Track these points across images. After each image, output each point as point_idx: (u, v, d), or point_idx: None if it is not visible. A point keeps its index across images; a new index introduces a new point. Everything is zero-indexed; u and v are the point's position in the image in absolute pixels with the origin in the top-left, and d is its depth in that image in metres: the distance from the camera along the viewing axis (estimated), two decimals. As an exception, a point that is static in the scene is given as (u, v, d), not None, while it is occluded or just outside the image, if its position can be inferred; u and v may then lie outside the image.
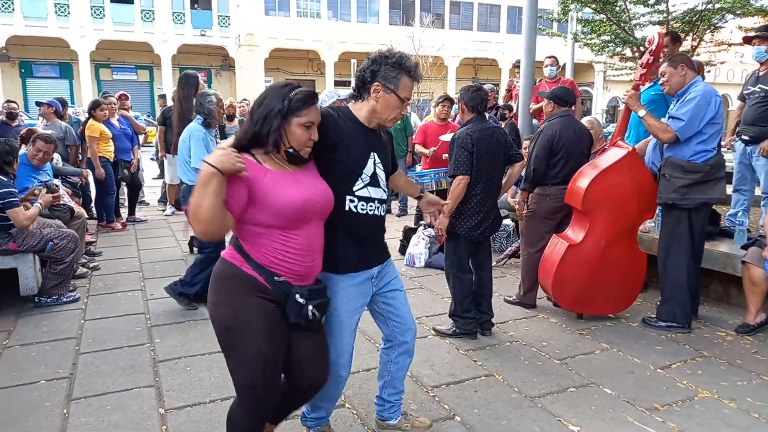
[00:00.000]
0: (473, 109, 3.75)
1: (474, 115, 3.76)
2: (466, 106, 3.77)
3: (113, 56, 26.40)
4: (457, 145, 3.64)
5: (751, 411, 2.86)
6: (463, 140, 3.62)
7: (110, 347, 3.61)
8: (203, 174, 1.80)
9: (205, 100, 4.29)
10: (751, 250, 3.87)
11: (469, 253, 3.82)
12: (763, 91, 4.65)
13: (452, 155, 3.67)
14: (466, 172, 3.60)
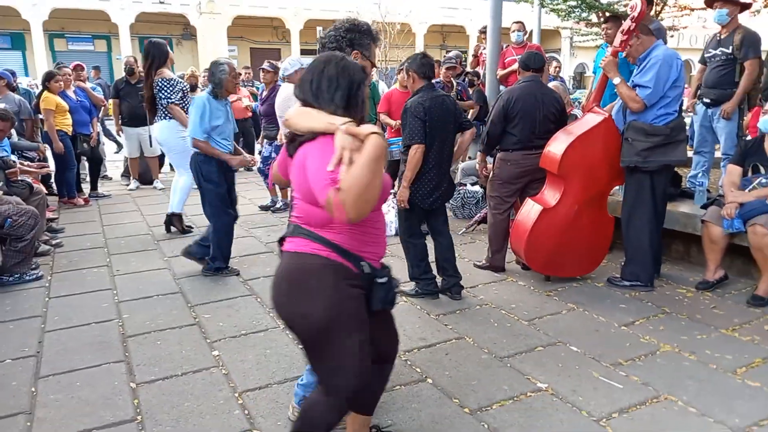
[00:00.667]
0: (424, 76, 3.76)
1: (424, 83, 3.76)
2: (416, 73, 3.77)
3: (68, 25, 25.28)
4: (410, 115, 3.65)
5: (710, 362, 2.98)
6: (416, 109, 3.63)
7: (77, 324, 3.55)
8: (380, 148, 1.58)
9: (218, 69, 4.23)
10: (710, 210, 3.98)
11: (419, 219, 3.90)
12: (724, 54, 4.74)
13: (406, 125, 3.68)
14: (421, 140, 3.62)
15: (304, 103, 1.85)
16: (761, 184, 3.78)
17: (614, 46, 3.93)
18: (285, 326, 2.11)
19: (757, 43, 4.68)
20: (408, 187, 3.69)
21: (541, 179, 4.25)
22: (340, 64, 1.82)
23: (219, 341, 3.30)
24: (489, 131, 4.24)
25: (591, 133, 3.94)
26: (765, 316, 3.56)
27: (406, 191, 3.68)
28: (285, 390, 2.76)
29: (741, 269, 4.20)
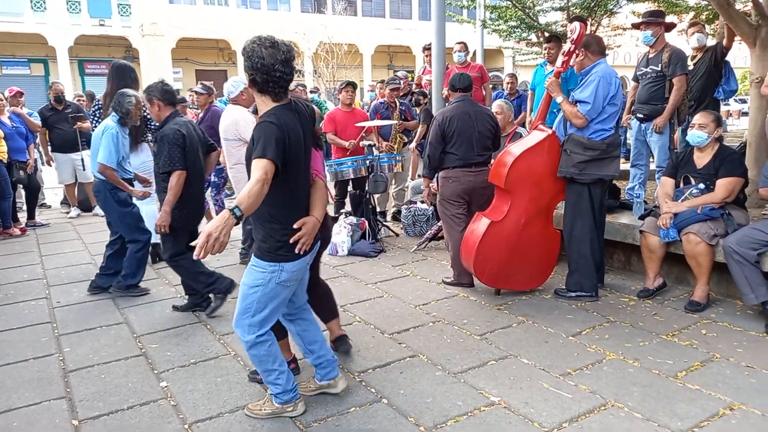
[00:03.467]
0: (170, 103, 3.92)
1: (173, 110, 3.93)
2: (162, 101, 3.90)
3: (2, 49, 24.33)
4: (169, 143, 3.76)
5: (653, 368, 3.09)
6: (174, 136, 3.76)
7: (14, 361, 3.38)
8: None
9: (125, 100, 4.30)
10: (648, 220, 4.17)
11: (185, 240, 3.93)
12: (654, 71, 4.99)
13: (164, 152, 3.76)
14: (182, 167, 3.76)
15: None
16: (692, 194, 3.98)
17: (557, 67, 4.10)
18: None
19: (684, 61, 4.96)
20: (170, 212, 3.80)
21: (490, 197, 4.36)
22: None
23: (167, 371, 3.20)
24: (429, 154, 4.35)
25: (536, 149, 4.08)
26: (702, 320, 3.73)
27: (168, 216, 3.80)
28: (237, 419, 2.70)
29: (678, 276, 4.40)
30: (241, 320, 2.57)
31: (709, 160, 3.97)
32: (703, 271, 3.85)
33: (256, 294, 2.51)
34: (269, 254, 2.49)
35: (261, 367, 2.63)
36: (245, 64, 2.40)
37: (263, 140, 2.28)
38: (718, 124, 3.98)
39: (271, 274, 2.48)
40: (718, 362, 3.15)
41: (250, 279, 2.53)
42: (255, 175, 2.23)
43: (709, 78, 5.37)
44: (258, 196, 2.21)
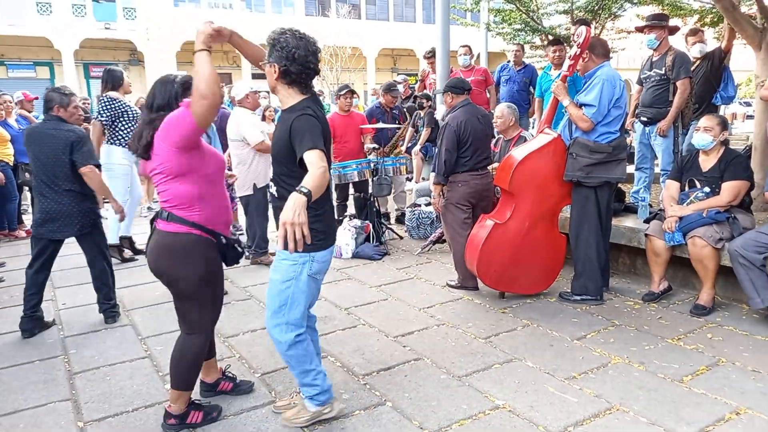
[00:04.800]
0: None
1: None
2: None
3: (8, 52, 24.47)
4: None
5: (658, 372, 3.08)
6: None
7: (20, 362, 3.39)
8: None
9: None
10: (653, 224, 4.16)
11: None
12: (658, 75, 4.99)
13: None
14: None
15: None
16: (698, 197, 3.98)
17: (563, 71, 4.10)
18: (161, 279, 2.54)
19: (688, 64, 4.96)
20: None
21: (494, 201, 4.37)
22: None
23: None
24: (446, 160, 4.31)
25: (541, 152, 4.08)
26: (707, 324, 3.72)
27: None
28: (242, 421, 2.71)
29: (683, 280, 4.38)
30: (276, 320, 2.47)
31: (714, 163, 3.96)
32: (709, 275, 3.84)
33: (290, 289, 2.42)
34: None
35: (299, 368, 2.54)
36: (275, 54, 2.34)
37: (310, 132, 2.24)
38: (723, 128, 3.97)
39: (302, 265, 2.40)
40: (724, 366, 3.14)
41: (280, 274, 2.42)
42: (318, 163, 2.15)
43: (706, 84, 5.38)
44: (324, 182, 2.15)
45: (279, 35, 2.36)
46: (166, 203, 2.45)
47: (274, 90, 2.43)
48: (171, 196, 2.44)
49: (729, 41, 5.49)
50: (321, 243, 2.42)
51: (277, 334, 2.49)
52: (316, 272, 2.46)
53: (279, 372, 3.20)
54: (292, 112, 2.35)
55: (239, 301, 4.39)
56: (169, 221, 2.44)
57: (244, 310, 4.19)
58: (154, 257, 2.50)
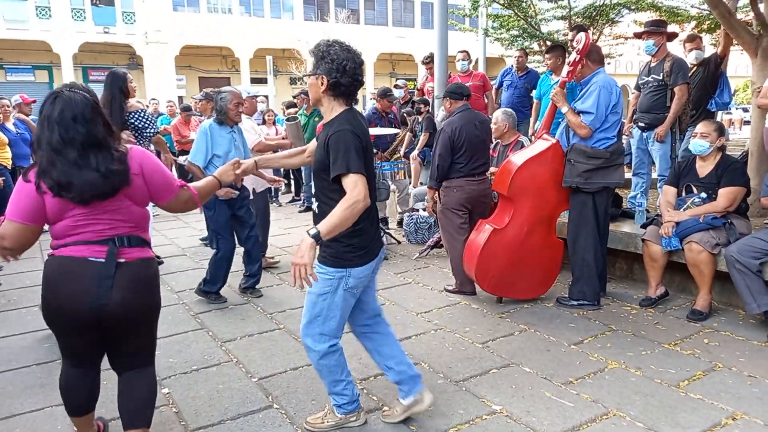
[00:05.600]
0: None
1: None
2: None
3: (7, 56, 24.53)
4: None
5: (655, 377, 3.09)
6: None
7: (16, 367, 3.38)
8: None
9: (219, 98, 4.31)
10: (650, 229, 4.17)
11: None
12: (655, 80, 5.01)
13: None
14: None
15: None
16: (694, 203, 3.99)
17: (562, 77, 4.12)
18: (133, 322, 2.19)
19: (686, 70, 4.98)
20: None
21: (490, 206, 4.38)
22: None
23: (169, 378, 3.21)
24: (439, 165, 4.33)
25: (540, 157, 4.10)
26: (704, 329, 3.73)
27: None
28: (239, 426, 2.70)
29: (680, 285, 4.40)
30: (311, 329, 2.48)
31: (711, 169, 3.98)
32: (705, 280, 3.85)
33: (325, 302, 2.43)
34: (336, 259, 2.40)
35: (330, 377, 2.56)
36: (324, 66, 2.32)
37: (345, 153, 2.24)
38: (720, 134, 3.99)
39: (339, 280, 2.41)
40: (721, 371, 3.14)
41: (316, 287, 2.38)
42: (347, 197, 2.19)
43: (702, 90, 5.41)
44: (351, 219, 2.20)
45: (328, 47, 2.34)
46: (126, 226, 2.14)
47: (317, 102, 2.42)
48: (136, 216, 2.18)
49: (725, 47, 5.52)
50: (358, 259, 2.42)
51: (311, 343, 2.50)
52: (352, 287, 2.45)
53: (276, 376, 3.20)
54: (329, 127, 2.37)
55: (237, 305, 4.40)
56: (143, 247, 2.21)
57: (241, 315, 4.19)
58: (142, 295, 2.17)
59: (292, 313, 4.19)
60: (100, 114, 2.10)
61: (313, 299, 2.47)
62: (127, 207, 2.14)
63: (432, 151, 4.65)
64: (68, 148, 2.00)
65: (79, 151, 2.01)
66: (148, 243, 2.26)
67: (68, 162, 2.00)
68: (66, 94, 2.05)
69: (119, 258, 2.10)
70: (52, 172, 2.00)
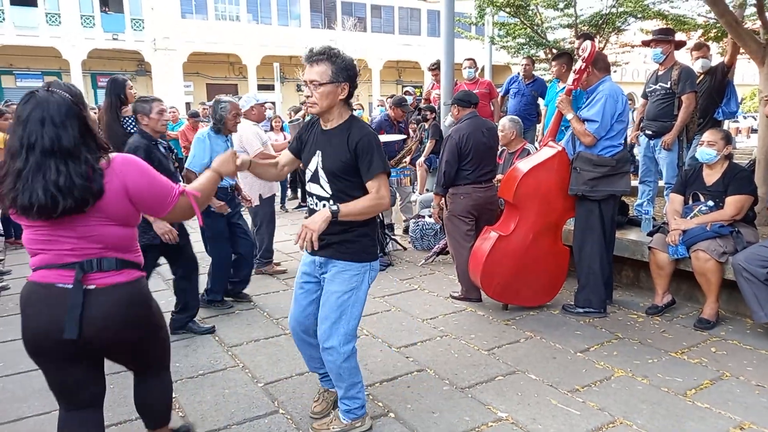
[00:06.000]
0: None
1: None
2: None
3: (17, 62, 24.75)
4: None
5: (662, 386, 3.08)
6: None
7: (25, 370, 3.40)
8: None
9: (219, 107, 4.32)
10: (656, 237, 4.16)
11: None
12: (663, 88, 5.01)
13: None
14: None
15: None
16: (701, 211, 3.98)
17: (568, 85, 4.13)
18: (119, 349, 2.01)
19: (693, 78, 4.98)
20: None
21: (497, 213, 4.39)
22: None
23: (175, 382, 3.19)
24: (446, 171, 4.34)
25: (545, 165, 4.10)
26: (711, 338, 3.71)
27: None
28: (245, 431, 2.71)
29: (687, 293, 4.38)
30: (336, 330, 2.47)
31: (718, 177, 3.97)
32: (713, 289, 3.83)
33: (351, 298, 2.47)
34: (363, 254, 2.49)
35: (350, 380, 2.55)
36: (345, 74, 2.36)
37: (381, 155, 2.39)
38: (727, 142, 3.99)
39: (364, 274, 2.50)
40: (728, 381, 3.13)
41: (342, 285, 2.45)
42: (374, 195, 2.37)
43: (708, 99, 5.41)
44: (370, 214, 2.43)
45: (341, 55, 2.38)
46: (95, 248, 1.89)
47: (331, 108, 2.41)
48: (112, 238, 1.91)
49: (732, 56, 5.52)
50: (376, 251, 2.58)
51: (338, 344, 2.47)
52: (372, 280, 2.57)
53: (282, 381, 3.20)
54: (345, 131, 2.41)
55: (244, 310, 4.41)
56: (121, 270, 1.94)
57: (247, 320, 4.20)
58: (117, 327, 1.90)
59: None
60: (79, 118, 1.81)
61: (339, 298, 2.47)
62: (99, 228, 1.86)
63: (439, 158, 4.66)
64: (25, 153, 1.74)
65: (36, 158, 1.74)
66: (131, 264, 1.98)
67: (16, 170, 1.74)
68: (40, 95, 1.79)
69: (88, 285, 1.85)
70: (5, 182, 1.76)
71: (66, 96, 1.82)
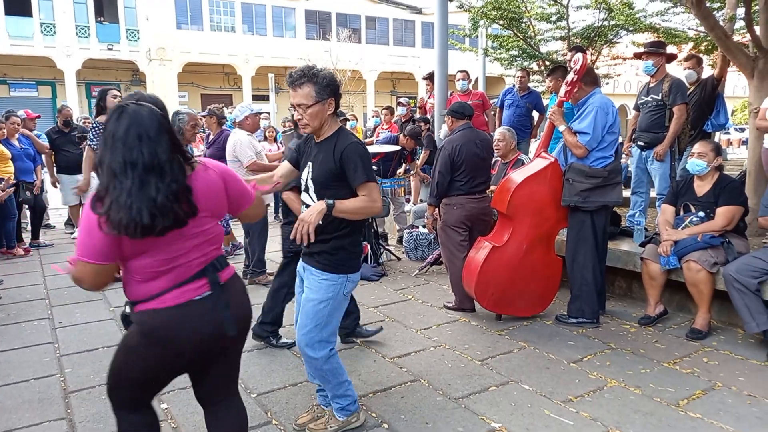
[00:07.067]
0: None
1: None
2: None
3: (10, 72, 24.72)
4: None
5: (654, 396, 3.09)
6: None
7: (15, 381, 3.37)
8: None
9: (177, 118, 4.30)
10: (648, 247, 4.19)
11: None
12: (654, 100, 5.07)
13: None
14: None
15: None
16: (692, 222, 4.02)
17: (560, 96, 4.17)
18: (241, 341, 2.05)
19: (684, 90, 5.04)
20: None
21: (491, 223, 4.41)
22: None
23: (168, 393, 3.20)
24: (438, 182, 4.37)
25: (538, 176, 4.13)
26: (703, 348, 3.73)
27: None
28: (237, 441, 2.69)
29: (679, 304, 4.40)
30: (311, 338, 2.55)
31: (709, 188, 4.01)
32: (704, 299, 3.86)
33: (327, 308, 2.54)
34: (340, 266, 2.54)
35: (334, 380, 2.65)
36: (329, 90, 2.43)
37: (366, 163, 2.44)
38: (717, 153, 4.03)
39: (341, 285, 2.55)
40: (720, 391, 3.14)
41: (319, 294, 2.53)
42: (368, 198, 2.43)
43: (698, 111, 5.46)
44: (363, 215, 2.50)
45: (323, 71, 2.44)
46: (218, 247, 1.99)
47: (323, 124, 2.49)
48: (221, 236, 2.01)
49: (722, 69, 5.59)
50: (355, 264, 2.60)
51: (312, 351, 2.57)
52: (349, 291, 2.62)
53: (275, 392, 3.19)
54: (332, 141, 2.49)
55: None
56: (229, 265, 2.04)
57: (240, 330, 4.18)
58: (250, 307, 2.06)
59: (291, 329, 4.18)
60: (168, 132, 1.80)
61: (314, 306, 2.54)
62: (214, 228, 1.92)
63: (432, 169, 4.69)
64: (130, 171, 1.70)
65: (140, 175, 1.70)
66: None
67: (125, 189, 1.69)
68: (131, 108, 1.75)
69: (221, 282, 1.92)
70: (106, 200, 1.70)
71: (155, 109, 1.81)
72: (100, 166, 1.74)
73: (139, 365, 1.91)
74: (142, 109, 1.76)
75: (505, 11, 10.02)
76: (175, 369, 1.96)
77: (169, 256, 1.81)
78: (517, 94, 7.21)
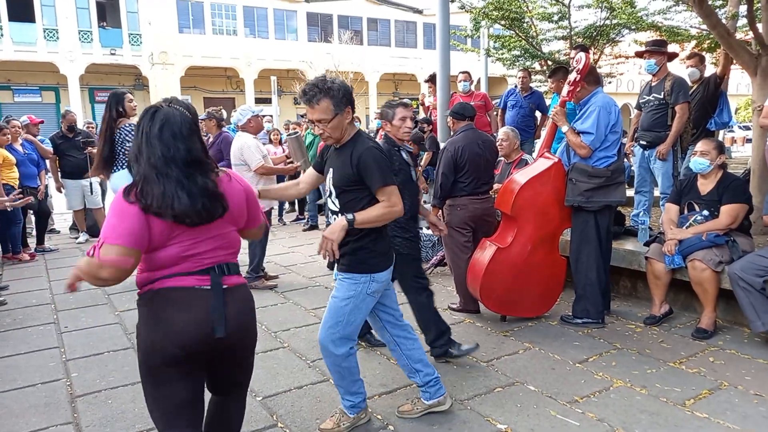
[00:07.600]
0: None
1: None
2: None
3: (14, 77, 24.84)
4: None
5: (660, 396, 3.08)
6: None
7: (22, 385, 3.39)
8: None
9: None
10: (653, 247, 4.18)
11: None
12: (657, 99, 5.06)
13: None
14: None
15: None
16: (697, 221, 4.01)
17: (562, 96, 4.17)
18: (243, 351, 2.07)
19: (686, 89, 5.03)
20: None
21: (494, 224, 4.40)
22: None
23: None
24: (441, 183, 4.37)
25: (542, 176, 4.13)
26: (709, 348, 3.72)
27: None
28: (243, 445, 2.69)
29: (684, 303, 4.39)
30: (331, 333, 2.61)
31: (712, 187, 4.00)
32: (709, 298, 3.85)
33: (348, 306, 2.59)
34: (362, 265, 2.58)
35: (348, 378, 2.70)
36: (345, 100, 2.48)
37: (382, 167, 2.48)
38: (720, 152, 4.02)
39: (363, 284, 2.58)
40: (726, 390, 3.13)
41: (341, 292, 2.61)
42: (386, 203, 2.47)
43: (701, 110, 5.45)
44: (385, 220, 2.52)
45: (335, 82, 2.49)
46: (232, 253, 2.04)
47: (344, 133, 2.54)
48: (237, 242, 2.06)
49: (724, 67, 5.58)
50: (381, 264, 2.62)
51: (333, 347, 2.62)
52: (374, 291, 2.63)
53: (280, 395, 3.20)
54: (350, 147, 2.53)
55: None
56: (239, 274, 2.06)
57: (245, 333, 4.19)
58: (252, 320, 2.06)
59: (296, 331, 4.20)
60: (198, 136, 1.93)
61: (337, 303, 2.62)
62: (231, 234, 2.00)
63: (435, 170, 4.68)
64: (171, 166, 1.83)
65: (182, 169, 1.84)
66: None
67: (172, 181, 1.81)
68: (165, 110, 1.89)
69: (223, 285, 1.94)
70: (156, 192, 1.79)
71: (186, 113, 1.92)
72: (137, 161, 1.85)
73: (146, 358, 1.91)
74: (175, 111, 1.90)
75: (506, 11, 10.02)
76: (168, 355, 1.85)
77: (190, 248, 1.89)
78: (520, 94, 7.20)
